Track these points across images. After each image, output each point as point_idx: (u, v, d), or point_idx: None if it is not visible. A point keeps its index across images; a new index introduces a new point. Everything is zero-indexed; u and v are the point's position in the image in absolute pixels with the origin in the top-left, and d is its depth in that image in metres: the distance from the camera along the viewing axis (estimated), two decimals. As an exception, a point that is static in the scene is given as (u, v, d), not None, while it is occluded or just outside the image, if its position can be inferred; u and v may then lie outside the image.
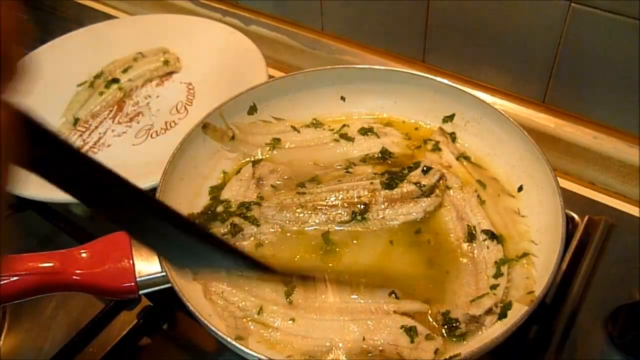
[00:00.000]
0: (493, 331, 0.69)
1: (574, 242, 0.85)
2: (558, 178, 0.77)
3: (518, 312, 0.67)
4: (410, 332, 0.68)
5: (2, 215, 0.38)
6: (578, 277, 0.82)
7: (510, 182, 0.85)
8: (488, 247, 0.77)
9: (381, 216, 0.81)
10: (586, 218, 0.89)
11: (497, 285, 0.73)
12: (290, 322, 0.71)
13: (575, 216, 0.90)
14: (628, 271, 0.84)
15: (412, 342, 0.67)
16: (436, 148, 0.90)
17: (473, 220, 0.80)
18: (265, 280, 0.74)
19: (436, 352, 0.67)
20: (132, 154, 1.06)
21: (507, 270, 0.75)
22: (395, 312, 0.70)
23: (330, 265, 0.77)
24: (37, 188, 0.95)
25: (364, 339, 0.68)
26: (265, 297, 0.73)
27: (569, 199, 0.83)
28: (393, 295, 0.72)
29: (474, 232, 0.79)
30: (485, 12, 0.98)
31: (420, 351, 0.67)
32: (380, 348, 0.68)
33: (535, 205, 0.81)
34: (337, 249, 0.79)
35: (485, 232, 0.79)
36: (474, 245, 0.78)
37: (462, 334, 0.69)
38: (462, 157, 0.89)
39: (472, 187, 0.85)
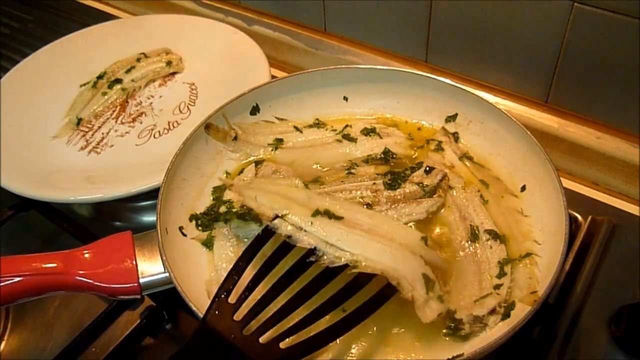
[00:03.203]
0: (496, 331, 0.68)
1: (577, 243, 0.85)
2: (561, 178, 0.77)
3: (521, 312, 0.67)
4: (429, 283, 0.66)
5: None
6: (581, 277, 0.82)
7: (513, 182, 0.85)
8: (491, 247, 0.77)
9: (384, 216, 0.81)
10: (589, 218, 0.89)
11: (501, 285, 0.73)
12: (315, 226, 0.68)
13: (579, 216, 0.90)
14: (631, 271, 0.84)
15: (427, 293, 0.66)
16: (439, 148, 0.90)
17: (476, 220, 0.80)
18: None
19: (439, 315, 0.66)
20: (134, 154, 1.06)
21: (510, 270, 0.75)
22: (421, 256, 0.68)
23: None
24: (39, 188, 0.96)
25: (386, 265, 0.65)
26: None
27: (572, 199, 0.83)
28: (424, 242, 0.70)
29: (477, 232, 0.79)
30: (488, 12, 0.98)
31: (428, 307, 0.66)
32: (399, 282, 0.65)
33: (538, 205, 0.81)
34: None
35: (489, 232, 0.78)
36: (477, 245, 0.78)
37: (466, 335, 0.69)
38: (465, 157, 0.89)
39: (475, 187, 0.85)
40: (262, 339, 0.62)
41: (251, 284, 0.66)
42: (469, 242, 0.78)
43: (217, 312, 0.63)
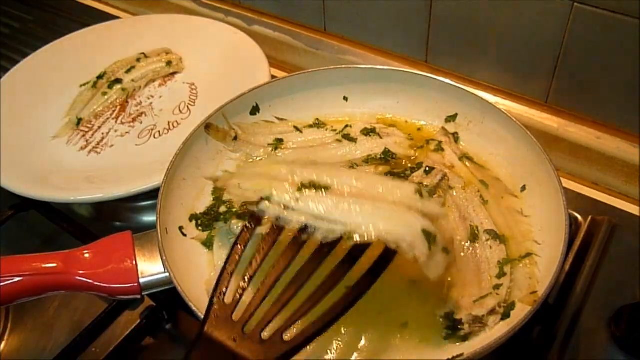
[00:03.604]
0: (496, 331, 0.68)
1: (577, 243, 0.85)
2: (561, 178, 0.77)
3: (521, 312, 0.67)
4: (430, 238, 0.61)
5: None
6: (581, 277, 0.82)
7: (513, 182, 0.85)
8: (491, 247, 0.77)
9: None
10: (589, 218, 0.89)
11: (500, 285, 0.73)
12: (303, 202, 0.63)
13: (579, 216, 0.90)
14: (631, 271, 0.84)
15: (429, 249, 0.61)
16: (439, 148, 0.90)
17: (476, 220, 0.80)
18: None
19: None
20: (134, 154, 1.06)
21: (510, 271, 0.75)
22: (418, 210, 0.63)
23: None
24: (39, 188, 0.96)
25: (381, 230, 0.61)
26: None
27: (572, 199, 0.83)
28: (419, 194, 0.64)
29: (476, 232, 0.79)
30: (488, 12, 0.98)
31: (434, 262, 0.62)
32: (397, 245, 0.61)
33: (538, 205, 0.81)
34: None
35: (488, 232, 0.78)
36: (477, 245, 0.78)
37: (466, 335, 0.69)
38: (465, 157, 0.89)
39: (475, 187, 0.85)
40: (264, 335, 0.59)
41: (246, 278, 0.62)
42: (469, 242, 0.78)
43: (215, 317, 0.60)
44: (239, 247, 0.65)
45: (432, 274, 0.62)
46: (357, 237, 0.61)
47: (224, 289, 0.62)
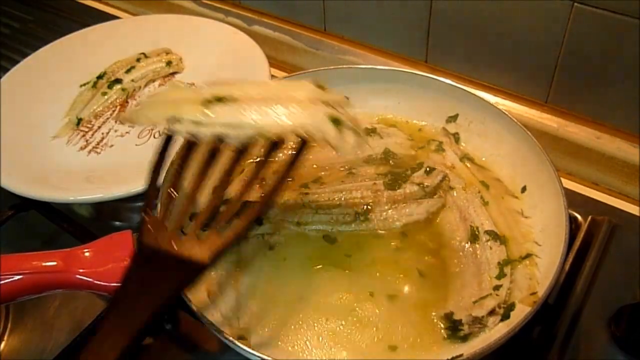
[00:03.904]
0: (496, 332, 0.69)
1: (577, 243, 0.85)
2: (561, 178, 0.77)
3: (521, 313, 0.67)
4: (336, 121, 0.65)
5: None
6: (581, 277, 0.82)
7: (514, 183, 0.85)
8: (491, 248, 0.77)
9: (384, 217, 0.81)
10: (589, 218, 0.89)
11: (500, 286, 0.73)
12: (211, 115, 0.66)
13: (578, 216, 0.90)
14: (631, 271, 0.83)
15: (338, 131, 0.65)
16: (440, 149, 0.90)
17: (476, 221, 0.80)
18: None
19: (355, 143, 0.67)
20: (134, 154, 1.06)
21: (510, 271, 0.75)
22: (320, 102, 0.67)
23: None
24: (39, 188, 0.96)
25: (289, 123, 0.64)
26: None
27: (572, 199, 0.83)
28: (319, 88, 0.68)
29: (477, 232, 0.79)
30: (488, 12, 0.98)
31: (344, 140, 0.65)
32: (307, 133, 0.64)
33: (538, 206, 0.81)
34: (342, 250, 0.79)
35: (489, 232, 0.79)
36: (477, 246, 0.78)
37: (465, 335, 0.69)
38: (466, 158, 0.89)
39: (476, 187, 0.85)
40: (200, 235, 0.63)
41: (171, 190, 0.67)
42: (469, 243, 0.78)
43: (148, 229, 0.64)
44: (158, 161, 0.69)
45: (345, 151, 0.66)
46: (270, 135, 0.64)
47: (153, 202, 0.67)
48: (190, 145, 0.68)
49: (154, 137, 1.09)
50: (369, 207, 0.81)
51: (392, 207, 0.82)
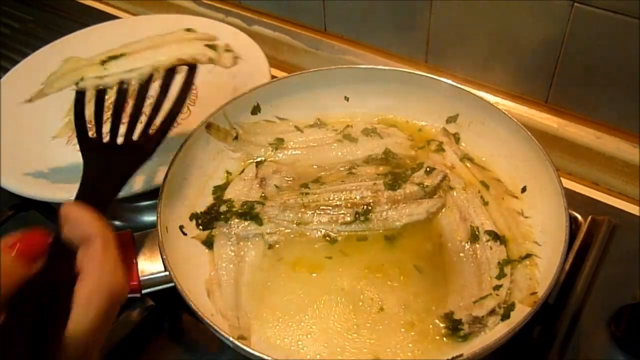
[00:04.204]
0: (496, 332, 0.69)
1: (577, 243, 0.85)
2: (561, 178, 0.77)
3: (521, 313, 0.67)
4: (212, 46, 0.86)
5: None
6: (581, 277, 0.82)
7: (514, 183, 0.85)
8: (491, 248, 0.77)
9: (384, 217, 0.81)
10: (589, 218, 0.89)
11: (500, 286, 0.73)
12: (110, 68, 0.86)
13: (579, 216, 0.90)
14: (631, 271, 0.83)
15: (215, 51, 0.86)
16: (440, 149, 0.90)
17: (476, 221, 0.80)
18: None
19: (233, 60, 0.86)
20: (135, 154, 1.06)
21: (510, 271, 0.75)
22: (196, 39, 0.88)
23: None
24: (39, 188, 0.96)
25: (175, 56, 0.83)
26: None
27: (572, 199, 0.83)
28: (191, 30, 0.89)
29: (477, 232, 0.79)
30: (487, 12, 0.98)
31: (223, 58, 0.86)
32: (194, 59, 0.84)
33: (538, 206, 0.81)
34: (341, 250, 0.79)
35: (489, 232, 0.79)
36: (477, 246, 0.78)
37: (465, 335, 0.69)
38: (466, 158, 0.89)
39: (476, 188, 0.85)
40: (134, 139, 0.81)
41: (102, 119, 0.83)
42: (469, 243, 0.78)
43: (88, 143, 0.81)
44: (78, 109, 0.84)
45: (225, 65, 0.86)
46: (163, 67, 0.82)
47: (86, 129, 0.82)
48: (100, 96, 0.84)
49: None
50: (369, 207, 0.81)
51: (392, 207, 0.82)
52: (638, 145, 0.95)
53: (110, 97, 1.16)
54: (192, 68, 0.84)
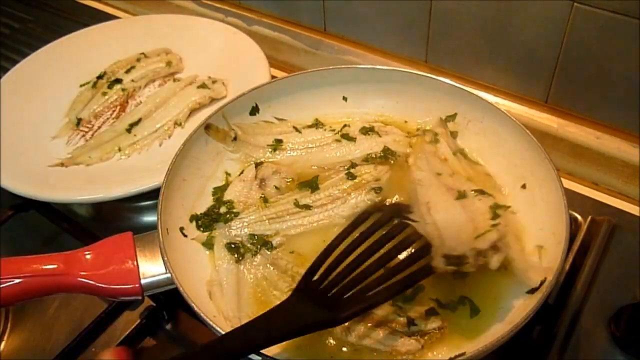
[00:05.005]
0: (496, 332, 0.69)
1: (577, 243, 0.85)
2: (561, 178, 0.76)
3: (522, 312, 0.67)
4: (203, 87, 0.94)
5: None
6: (581, 277, 0.82)
7: (513, 182, 0.84)
8: (480, 200, 0.75)
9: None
10: (589, 218, 0.89)
11: (497, 224, 0.70)
12: None
13: (578, 216, 0.90)
14: (631, 272, 0.84)
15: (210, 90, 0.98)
16: (434, 140, 0.89)
17: (462, 187, 0.78)
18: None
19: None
20: (135, 154, 1.06)
21: (503, 214, 0.72)
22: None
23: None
24: (39, 188, 0.96)
25: None
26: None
27: (572, 200, 0.83)
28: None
29: (464, 194, 0.76)
30: (488, 12, 0.98)
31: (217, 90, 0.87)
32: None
33: (538, 205, 0.81)
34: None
35: (476, 191, 0.77)
36: (466, 200, 0.75)
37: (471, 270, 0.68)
38: (460, 152, 0.89)
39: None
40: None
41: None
42: (458, 201, 0.75)
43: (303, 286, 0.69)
44: None
45: (222, 95, 0.94)
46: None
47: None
48: None
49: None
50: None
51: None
52: (638, 145, 0.95)
53: (110, 97, 1.18)
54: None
